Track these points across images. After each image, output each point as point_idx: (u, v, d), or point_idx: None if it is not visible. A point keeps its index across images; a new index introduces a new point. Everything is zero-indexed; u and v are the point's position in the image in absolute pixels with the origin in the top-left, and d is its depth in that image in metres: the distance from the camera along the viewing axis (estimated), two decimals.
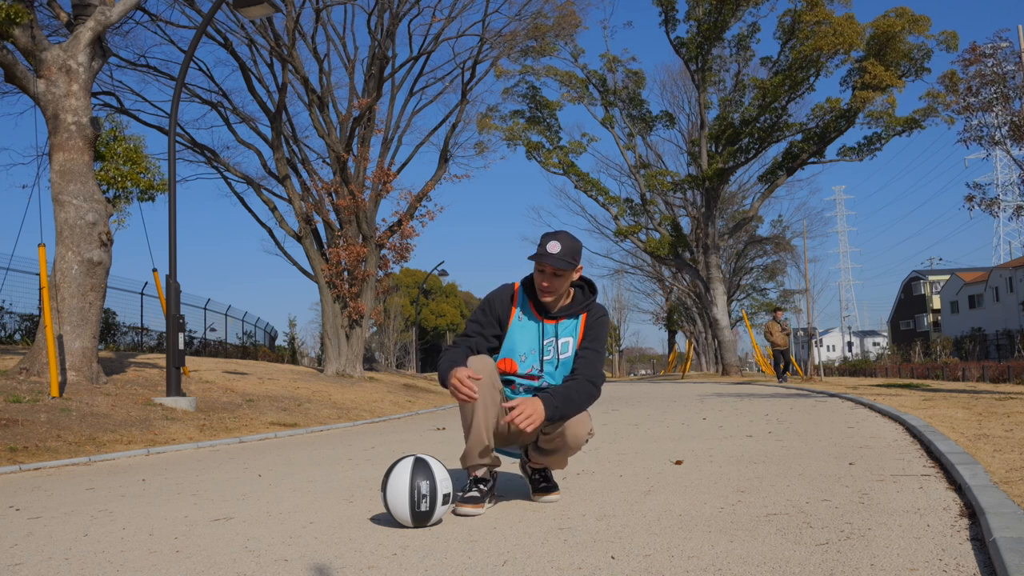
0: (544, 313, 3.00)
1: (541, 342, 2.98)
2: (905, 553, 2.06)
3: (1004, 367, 17.73)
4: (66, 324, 8.05)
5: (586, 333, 2.99)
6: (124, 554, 2.44)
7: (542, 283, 2.90)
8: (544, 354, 2.98)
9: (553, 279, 2.88)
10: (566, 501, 3.05)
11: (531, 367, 2.99)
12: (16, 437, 5.82)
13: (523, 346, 2.98)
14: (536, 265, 2.90)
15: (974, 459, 3.35)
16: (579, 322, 3.00)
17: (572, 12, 19.87)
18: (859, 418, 6.41)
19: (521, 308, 3.01)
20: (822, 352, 19.96)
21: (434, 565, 2.15)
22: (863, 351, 56.98)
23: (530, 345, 2.99)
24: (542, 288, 2.90)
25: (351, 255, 15.79)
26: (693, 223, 31.94)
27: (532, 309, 3.01)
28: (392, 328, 53.22)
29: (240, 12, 9.57)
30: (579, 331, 2.99)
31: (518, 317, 3.01)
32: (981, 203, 12.70)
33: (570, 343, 3.00)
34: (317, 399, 10.79)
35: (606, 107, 28.31)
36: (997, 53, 11.86)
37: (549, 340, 2.98)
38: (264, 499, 3.43)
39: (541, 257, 2.84)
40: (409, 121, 17.37)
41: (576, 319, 3.00)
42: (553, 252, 2.83)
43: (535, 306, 3.01)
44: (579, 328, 3.00)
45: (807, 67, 23.23)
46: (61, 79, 8.34)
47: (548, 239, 2.88)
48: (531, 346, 2.99)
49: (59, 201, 8.27)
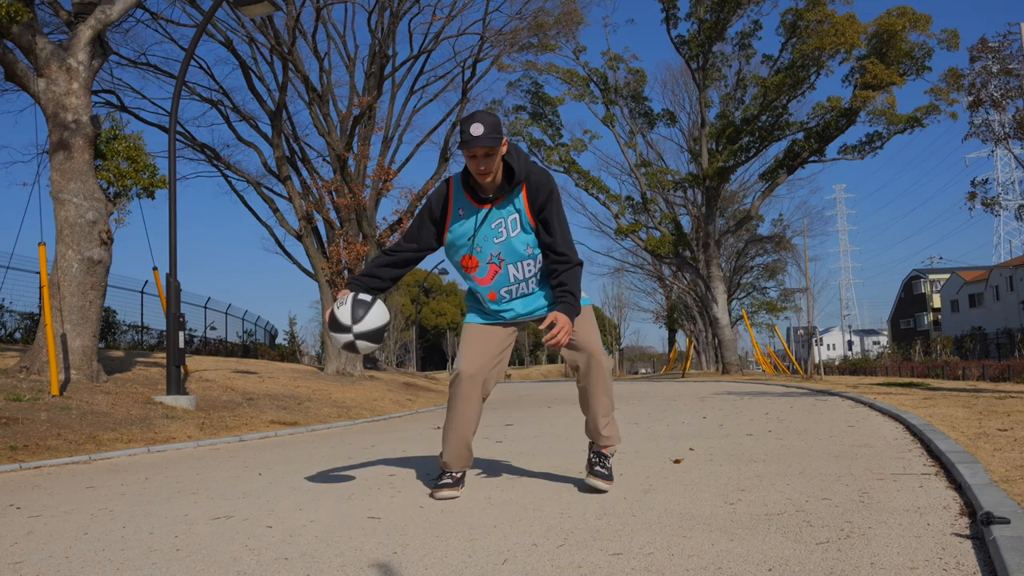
0: (481, 200, 3.04)
1: (490, 226, 3.05)
2: (905, 552, 2.06)
3: (1004, 366, 17.73)
4: (66, 323, 8.06)
5: (532, 206, 3.03)
6: (124, 552, 2.44)
7: (478, 168, 2.92)
8: (497, 236, 3.06)
9: (486, 160, 2.91)
10: (566, 500, 3.05)
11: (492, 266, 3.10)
12: (16, 435, 5.82)
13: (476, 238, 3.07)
14: (466, 153, 2.91)
15: (974, 458, 3.35)
16: (520, 195, 3.04)
17: (574, 9, 19.88)
18: (859, 417, 6.41)
19: (458, 202, 3.08)
20: (822, 351, 19.96)
21: (434, 564, 2.15)
22: (863, 350, 57.00)
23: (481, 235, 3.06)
24: (480, 172, 2.93)
25: (351, 253, 15.79)
26: (694, 222, 31.93)
27: (468, 199, 3.06)
28: (392, 327, 53.22)
29: (241, 10, 9.57)
30: (524, 204, 3.04)
31: (458, 211, 3.08)
32: (983, 202, 12.70)
33: (517, 218, 3.05)
34: (317, 397, 10.79)
35: (607, 105, 28.29)
36: (1003, 49, 11.85)
37: (498, 222, 3.04)
38: (264, 497, 3.43)
39: (469, 143, 2.85)
40: (409, 120, 17.41)
41: (514, 192, 3.03)
42: (478, 134, 2.85)
43: (471, 196, 3.05)
44: (523, 201, 3.04)
45: (808, 66, 23.22)
46: (61, 77, 8.34)
47: (469, 123, 2.88)
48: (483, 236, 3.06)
49: (59, 199, 8.27)
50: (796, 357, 33.01)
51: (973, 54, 12.55)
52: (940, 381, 14.38)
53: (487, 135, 2.86)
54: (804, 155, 24.87)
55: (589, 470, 3.21)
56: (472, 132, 2.86)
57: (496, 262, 3.10)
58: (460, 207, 3.08)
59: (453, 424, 3.18)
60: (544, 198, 3.02)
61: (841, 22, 21.94)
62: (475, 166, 2.93)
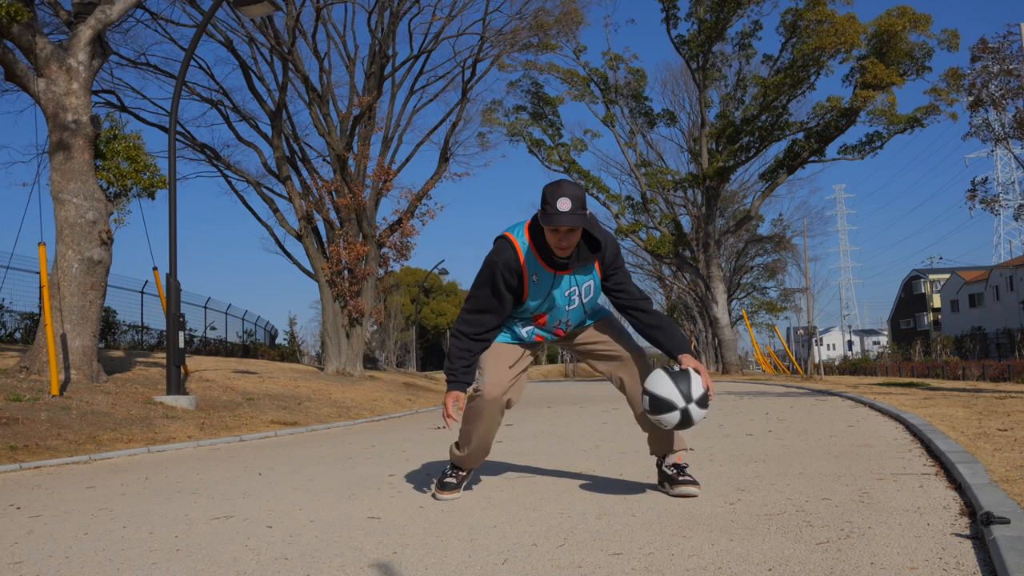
0: (556, 266, 2.88)
1: (563, 294, 2.95)
2: (905, 552, 2.06)
3: (1004, 366, 17.72)
4: (66, 323, 8.06)
5: (607, 273, 2.95)
6: (124, 552, 2.44)
7: (560, 244, 2.75)
8: (569, 304, 2.98)
9: (569, 236, 2.74)
10: (566, 500, 3.05)
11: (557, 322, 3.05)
12: (16, 435, 5.82)
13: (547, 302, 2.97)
14: (548, 227, 2.73)
15: (974, 458, 3.35)
16: (594, 262, 2.93)
17: (574, 9, 19.88)
18: (859, 417, 6.41)
19: (531, 268, 2.90)
20: (822, 351, 19.97)
21: (434, 563, 2.15)
22: (863, 350, 56.99)
23: (553, 300, 2.96)
24: (561, 248, 2.77)
25: (351, 254, 15.79)
26: (694, 222, 31.92)
27: (542, 264, 2.88)
28: (392, 327, 53.21)
29: (240, 11, 9.57)
30: (597, 271, 2.94)
31: (532, 278, 2.91)
32: (983, 201, 12.71)
33: (591, 285, 2.97)
34: (317, 398, 10.79)
35: (607, 105, 28.30)
36: (1003, 49, 11.87)
37: (571, 290, 2.94)
38: (264, 497, 3.43)
39: (555, 219, 2.67)
40: (409, 119, 17.39)
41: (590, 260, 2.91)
42: (565, 210, 2.66)
43: (544, 260, 2.87)
44: (596, 269, 2.94)
45: (808, 66, 23.24)
46: (61, 77, 8.34)
47: (556, 195, 2.68)
48: (554, 301, 2.96)
49: (59, 199, 8.27)
50: (796, 357, 33.02)
51: (974, 54, 12.57)
52: (940, 381, 14.38)
53: (574, 212, 2.67)
54: (804, 155, 24.87)
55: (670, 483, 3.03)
56: (559, 207, 2.66)
57: (563, 326, 3.07)
58: (534, 273, 2.89)
59: (476, 436, 3.11)
60: (613, 260, 2.93)
61: (841, 22, 21.95)
62: (556, 241, 2.75)
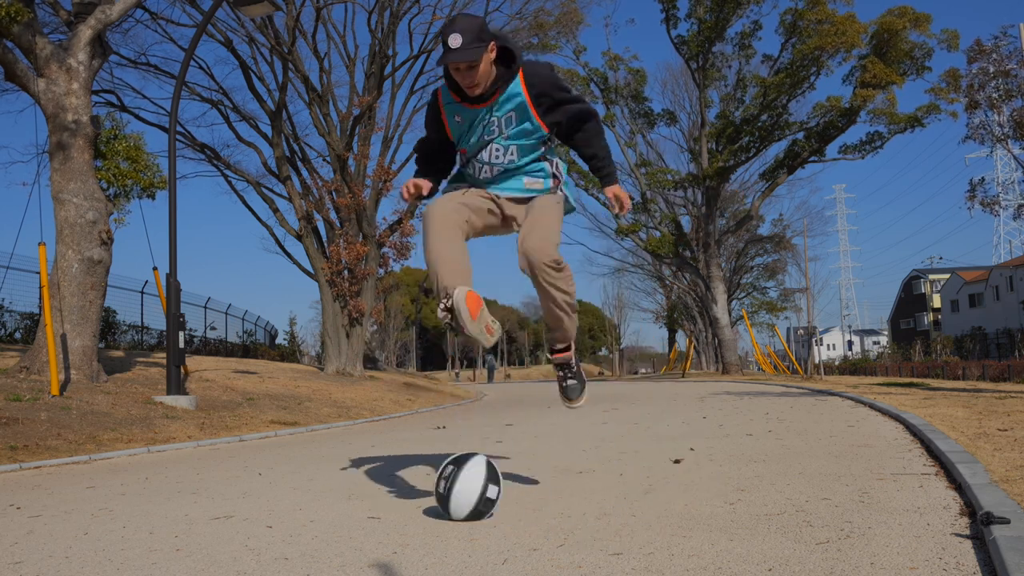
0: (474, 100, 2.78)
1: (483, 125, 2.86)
2: (905, 552, 2.06)
3: (1004, 366, 17.73)
4: (66, 323, 8.05)
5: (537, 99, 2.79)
6: (124, 552, 2.44)
7: (464, 82, 2.66)
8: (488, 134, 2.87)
9: (471, 72, 2.64)
10: (565, 499, 3.05)
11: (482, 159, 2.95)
12: (16, 435, 5.82)
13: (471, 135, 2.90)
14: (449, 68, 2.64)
15: (974, 458, 3.35)
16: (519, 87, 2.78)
17: (574, 9, 19.88)
18: (859, 417, 6.41)
19: (450, 110, 2.87)
20: (822, 351, 19.96)
21: (434, 563, 2.14)
22: (863, 350, 56.96)
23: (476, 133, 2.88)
24: (468, 87, 2.68)
25: (351, 253, 15.79)
26: (694, 222, 31.92)
27: (459, 101, 2.81)
28: (392, 327, 53.23)
29: (240, 11, 9.57)
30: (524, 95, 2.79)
31: (454, 119, 2.89)
32: (982, 202, 12.71)
33: (513, 116, 2.82)
34: (317, 397, 10.79)
35: (607, 105, 28.29)
36: (999, 48, 11.87)
37: (489, 120, 2.84)
38: (264, 497, 3.43)
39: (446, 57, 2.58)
40: (410, 119, 17.38)
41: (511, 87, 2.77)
42: (456, 46, 2.55)
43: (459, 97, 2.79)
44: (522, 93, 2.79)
45: (808, 65, 23.22)
46: (61, 77, 8.33)
47: (448, 33, 2.57)
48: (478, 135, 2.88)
49: (59, 199, 8.26)
50: (796, 357, 33.00)
51: (970, 55, 12.58)
52: (940, 381, 14.38)
53: (467, 47, 2.55)
54: (804, 155, 24.86)
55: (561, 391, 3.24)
56: (451, 44, 2.56)
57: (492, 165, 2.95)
58: (456, 114, 2.86)
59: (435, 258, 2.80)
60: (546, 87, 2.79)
61: (841, 22, 21.94)
62: (460, 79, 2.66)
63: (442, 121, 2.93)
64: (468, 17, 2.65)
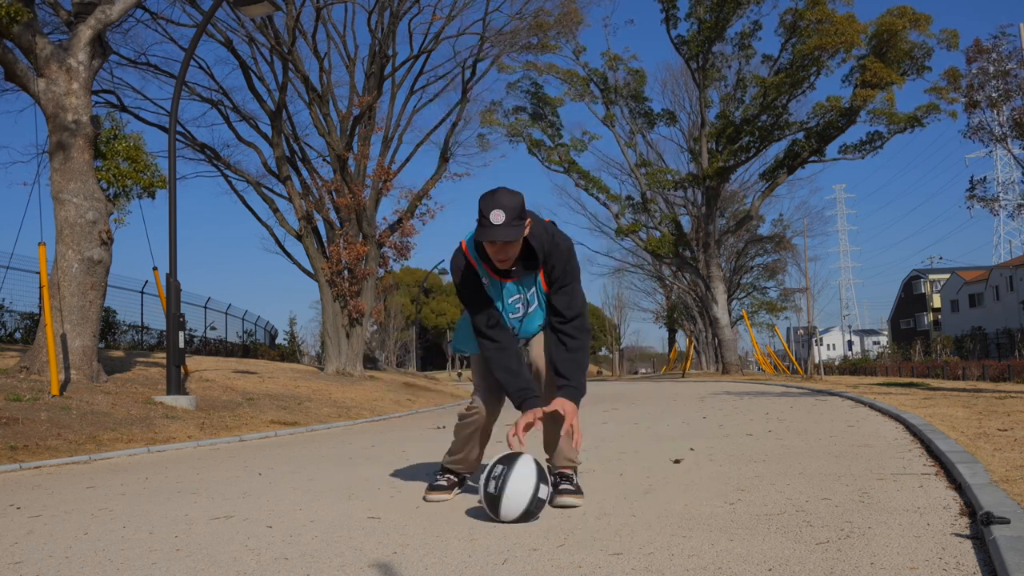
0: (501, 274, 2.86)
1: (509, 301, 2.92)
2: (905, 552, 2.06)
3: (1004, 366, 17.74)
4: (66, 323, 8.05)
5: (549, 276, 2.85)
6: (124, 552, 2.44)
7: (498, 256, 2.71)
8: (513, 312, 2.95)
9: (506, 249, 2.68)
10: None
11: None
12: (16, 435, 5.82)
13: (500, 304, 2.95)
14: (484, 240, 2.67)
15: (974, 458, 3.35)
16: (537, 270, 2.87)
17: (574, 9, 19.86)
18: (859, 417, 6.41)
19: (482, 274, 2.90)
20: (822, 351, 19.96)
21: (434, 563, 2.15)
22: (863, 350, 56.99)
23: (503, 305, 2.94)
24: (500, 262, 2.73)
25: (351, 253, 15.79)
26: (694, 222, 31.92)
27: (489, 271, 2.86)
28: (392, 327, 53.22)
29: (240, 11, 9.57)
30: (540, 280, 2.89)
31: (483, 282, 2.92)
32: (982, 200, 12.71)
33: (534, 292, 2.91)
34: (317, 397, 10.79)
35: (607, 105, 28.29)
36: (998, 48, 11.87)
37: (516, 297, 2.91)
38: (264, 497, 3.43)
39: (487, 234, 2.60)
40: (409, 119, 17.39)
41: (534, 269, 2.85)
42: (499, 223, 2.57)
43: (490, 268, 2.85)
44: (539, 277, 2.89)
45: (808, 65, 23.23)
46: (61, 77, 8.33)
47: (490, 208, 2.58)
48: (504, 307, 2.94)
49: (59, 199, 8.26)
50: (796, 357, 33.01)
51: (969, 55, 12.58)
52: (940, 381, 14.38)
53: (509, 225, 2.58)
54: (804, 155, 24.86)
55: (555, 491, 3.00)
56: (493, 220, 2.57)
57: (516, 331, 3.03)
58: (484, 278, 2.90)
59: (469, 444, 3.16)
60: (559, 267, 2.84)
61: (841, 22, 21.95)
62: (493, 253, 2.71)
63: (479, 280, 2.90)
64: (510, 194, 2.64)
